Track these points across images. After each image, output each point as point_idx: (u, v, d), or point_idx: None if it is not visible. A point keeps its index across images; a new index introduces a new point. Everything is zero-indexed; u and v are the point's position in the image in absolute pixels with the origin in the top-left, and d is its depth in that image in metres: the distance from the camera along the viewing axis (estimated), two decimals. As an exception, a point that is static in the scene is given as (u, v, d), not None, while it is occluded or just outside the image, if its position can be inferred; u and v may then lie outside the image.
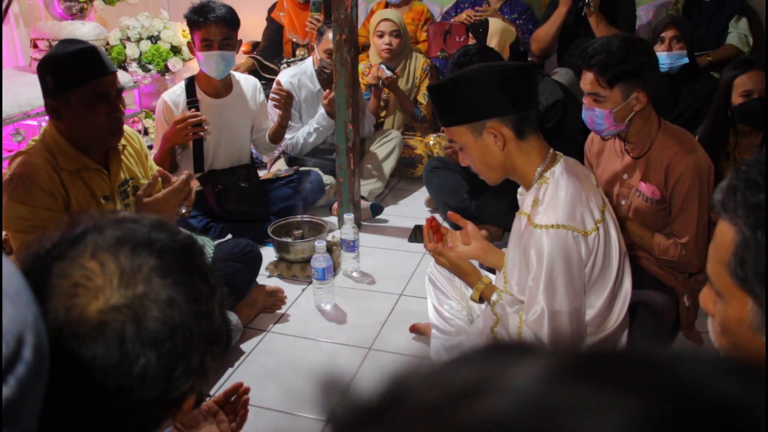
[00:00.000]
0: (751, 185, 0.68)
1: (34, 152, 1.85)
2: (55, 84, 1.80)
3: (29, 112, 3.12)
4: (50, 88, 1.81)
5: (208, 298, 0.72)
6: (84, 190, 1.91)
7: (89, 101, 1.81)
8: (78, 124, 1.83)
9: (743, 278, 0.69)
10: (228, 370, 2.24)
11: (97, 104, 1.82)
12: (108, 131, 1.88)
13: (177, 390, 0.69)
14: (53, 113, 1.84)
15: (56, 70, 1.79)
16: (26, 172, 1.81)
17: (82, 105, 1.80)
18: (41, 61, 1.84)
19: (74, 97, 1.80)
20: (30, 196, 1.80)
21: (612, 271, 1.55)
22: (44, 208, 1.81)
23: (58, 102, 1.81)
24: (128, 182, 2.05)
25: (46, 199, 1.82)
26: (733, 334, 0.74)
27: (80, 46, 1.85)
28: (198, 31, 2.75)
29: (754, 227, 0.67)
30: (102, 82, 1.82)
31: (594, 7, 3.49)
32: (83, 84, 1.79)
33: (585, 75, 2.03)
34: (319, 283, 2.58)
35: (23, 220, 1.80)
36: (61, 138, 1.87)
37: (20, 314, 0.48)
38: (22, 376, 0.47)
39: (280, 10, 4.45)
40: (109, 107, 1.84)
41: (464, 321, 2.01)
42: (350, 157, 3.19)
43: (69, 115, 1.82)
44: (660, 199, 2.11)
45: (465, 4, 4.34)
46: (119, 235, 0.69)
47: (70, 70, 1.79)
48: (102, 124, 1.84)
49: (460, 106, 1.54)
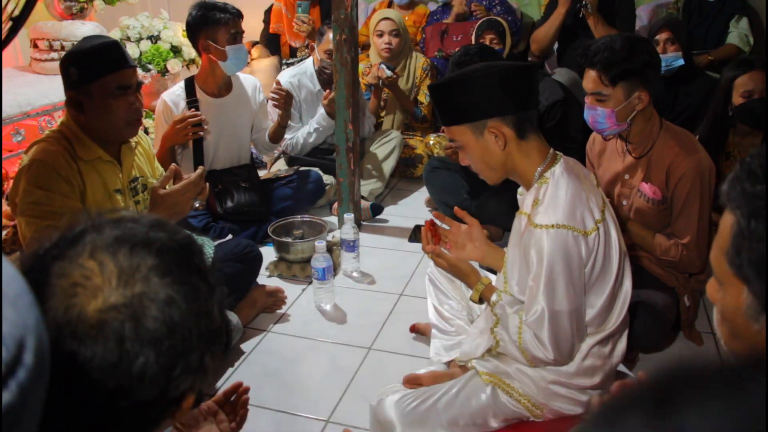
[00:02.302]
0: (751, 176, 0.70)
1: (52, 140, 1.90)
2: (79, 76, 1.85)
3: (29, 112, 3.12)
4: (74, 80, 1.87)
5: (207, 297, 0.72)
6: (98, 182, 1.96)
7: (111, 92, 1.87)
8: (99, 114, 1.89)
9: (739, 266, 0.71)
10: (228, 370, 2.24)
11: (118, 95, 1.89)
12: (127, 123, 1.94)
13: (176, 389, 0.68)
14: (75, 105, 1.89)
15: (81, 62, 1.86)
16: (46, 159, 1.85)
17: (104, 96, 1.87)
18: (65, 55, 1.91)
19: (97, 88, 1.86)
20: (49, 181, 1.84)
21: (612, 271, 1.54)
22: (62, 194, 1.85)
23: (81, 94, 1.87)
24: (138, 180, 2.09)
25: (65, 186, 1.86)
26: (731, 321, 0.76)
27: (103, 40, 1.93)
28: (223, 27, 2.80)
29: (749, 216, 0.69)
30: (124, 75, 1.89)
31: (592, 8, 3.49)
32: (106, 75, 1.86)
33: (588, 73, 2.03)
34: (319, 283, 2.58)
35: (41, 205, 1.83)
36: (78, 129, 1.92)
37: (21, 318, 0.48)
38: (23, 380, 0.47)
39: (277, 21, 4.44)
40: (129, 99, 1.91)
41: (464, 321, 2.01)
42: (350, 157, 3.19)
43: (91, 107, 1.88)
44: (661, 200, 2.10)
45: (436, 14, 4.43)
46: (118, 235, 0.69)
47: (94, 62, 1.86)
48: (122, 115, 1.91)
49: (461, 105, 1.54)
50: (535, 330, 1.51)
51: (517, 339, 1.56)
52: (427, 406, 1.66)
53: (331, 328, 2.49)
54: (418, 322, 2.40)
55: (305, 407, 2.05)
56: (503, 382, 1.64)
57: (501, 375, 1.65)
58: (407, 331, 2.42)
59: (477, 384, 1.67)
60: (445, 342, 2.01)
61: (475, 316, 2.00)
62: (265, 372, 2.23)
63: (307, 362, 2.29)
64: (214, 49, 2.81)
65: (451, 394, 1.67)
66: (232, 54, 2.82)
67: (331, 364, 2.27)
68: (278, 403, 2.07)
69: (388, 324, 2.51)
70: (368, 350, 2.34)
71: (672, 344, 2.33)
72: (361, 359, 2.29)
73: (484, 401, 1.64)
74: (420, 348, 2.32)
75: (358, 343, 2.38)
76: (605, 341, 1.60)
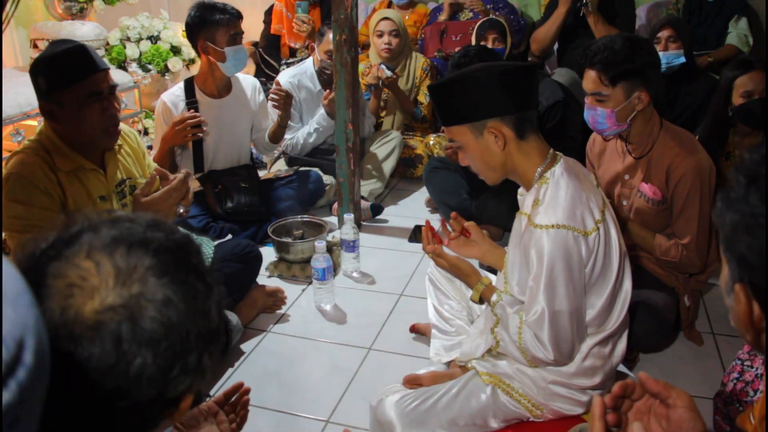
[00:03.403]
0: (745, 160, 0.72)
1: (30, 152, 1.84)
2: (47, 85, 1.78)
3: (29, 112, 3.12)
4: (43, 90, 1.80)
5: (205, 297, 0.71)
6: (81, 191, 1.90)
7: (82, 100, 1.80)
8: (73, 124, 1.82)
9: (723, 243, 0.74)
10: (228, 370, 2.24)
11: (90, 102, 1.81)
12: (103, 130, 1.86)
13: (174, 390, 0.68)
14: (48, 115, 1.83)
15: (47, 71, 1.78)
16: (24, 172, 1.80)
17: (75, 104, 1.79)
18: (32, 63, 1.83)
19: (66, 96, 1.78)
20: (28, 195, 1.79)
21: (612, 271, 1.54)
22: (42, 207, 1.80)
23: (52, 103, 1.80)
24: (125, 182, 2.05)
25: (44, 199, 1.81)
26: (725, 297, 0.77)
27: (68, 45, 1.83)
28: (222, 28, 2.78)
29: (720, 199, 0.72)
30: (93, 80, 1.81)
31: (592, 7, 3.50)
32: (74, 83, 1.78)
33: (588, 73, 2.03)
34: (319, 283, 2.58)
35: (20, 219, 1.79)
36: (57, 138, 1.86)
37: (21, 318, 0.48)
38: (23, 380, 0.47)
39: (278, 22, 4.44)
40: (103, 105, 1.83)
41: (464, 321, 2.01)
42: (350, 157, 3.19)
43: (63, 116, 1.81)
44: (661, 200, 2.10)
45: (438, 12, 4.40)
46: (115, 235, 0.69)
47: (60, 70, 1.78)
48: (96, 122, 1.83)
49: (460, 105, 1.54)
50: (536, 330, 1.51)
51: (517, 339, 1.56)
52: (427, 407, 1.66)
53: (331, 328, 2.49)
54: (418, 322, 2.40)
55: (305, 407, 2.05)
56: (503, 382, 1.64)
57: (501, 375, 1.65)
58: (407, 331, 2.42)
59: (477, 384, 1.67)
60: (445, 342, 2.01)
61: (475, 317, 2.00)
62: (265, 372, 2.23)
63: (307, 362, 2.29)
64: (213, 50, 2.81)
65: (451, 395, 1.67)
66: (231, 55, 2.82)
67: (331, 364, 2.27)
68: (278, 403, 2.07)
69: (388, 324, 2.51)
70: (368, 350, 2.34)
71: (672, 344, 2.33)
72: (361, 359, 2.29)
73: (484, 401, 1.64)
74: (420, 348, 2.32)
75: (358, 343, 2.38)
76: (605, 341, 1.60)
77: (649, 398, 0.89)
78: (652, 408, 0.89)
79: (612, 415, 0.87)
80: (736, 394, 1.57)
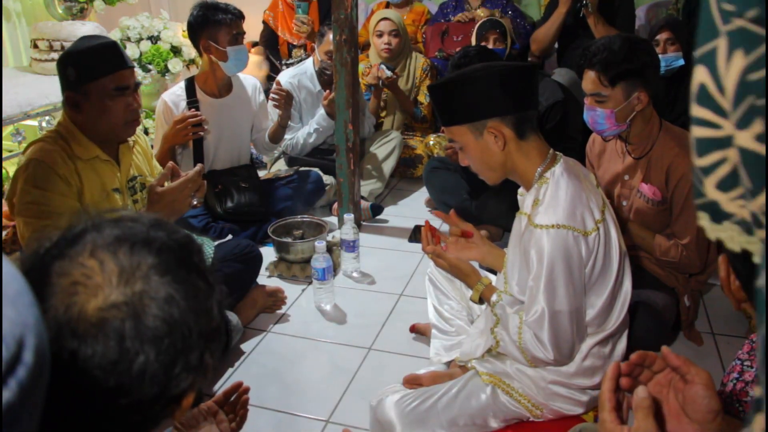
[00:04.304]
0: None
1: (50, 140, 1.90)
2: (77, 76, 1.85)
3: (29, 112, 3.12)
4: (71, 81, 1.86)
5: (207, 295, 0.72)
6: (96, 181, 1.96)
7: (109, 93, 1.87)
8: (96, 115, 1.89)
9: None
10: (228, 370, 2.24)
11: (116, 96, 1.88)
12: (125, 123, 1.94)
13: (176, 387, 0.68)
14: (73, 105, 1.89)
15: (79, 62, 1.85)
16: (44, 158, 1.85)
17: (101, 97, 1.87)
18: (62, 54, 1.90)
19: (94, 89, 1.86)
20: (47, 180, 1.83)
21: (612, 271, 1.54)
22: (60, 194, 1.85)
23: (79, 94, 1.87)
24: (136, 179, 2.10)
25: (62, 186, 1.86)
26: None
27: (102, 40, 1.93)
28: (224, 28, 2.80)
29: None
30: (122, 76, 1.89)
31: (592, 7, 3.50)
32: (104, 76, 1.86)
33: (587, 74, 2.03)
34: (319, 283, 2.58)
35: (38, 204, 1.83)
36: (75, 129, 1.92)
37: (21, 317, 0.48)
38: (23, 379, 0.47)
39: (272, 10, 4.46)
40: (127, 100, 1.91)
41: (464, 321, 2.01)
42: (350, 157, 3.19)
43: (88, 107, 1.88)
44: (661, 200, 2.10)
45: (447, 9, 4.38)
46: (118, 234, 0.69)
47: (92, 63, 1.86)
48: (120, 115, 1.91)
49: (460, 105, 1.54)
50: (536, 330, 1.51)
51: (517, 339, 1.56)
52: (427, 406, 1.66)
53: (331, 328, 2.49)
54: (418, 322, 2.40)
55: (305, 407, 2.05)
56: (503, 382, 1.64)
57: (501, 375, 1.65)
58: (407, 331, 2.42)
59: (477, 384, 1.67)
60: (445, 342, 2.01)
61: (475, 317, 2.00)
62: (265, 372, 2.23)
63: (307, 362, 2.29)
64: (215, 49, 2.82)
65: (451, 394, 1.67)
66: (232, 55, 2.82)
67: (331, 364, 2.27)
68: (278, 403, 2.07)
69: (388, 324, 2.51)
70: (368, 350, 2.34)
71: (672, 344, 2.33)
72: (361, 359, 2.29)
73: (484, 401, 1.65)
74: (420, 348, 2.32)
75: (358, 343, 2.38)
76: (605, 341, 1.60)
77: (669, 372, 0.90)
78: (672, 382, 0.90)
79: (626, 379, 0.89)
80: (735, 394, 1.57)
